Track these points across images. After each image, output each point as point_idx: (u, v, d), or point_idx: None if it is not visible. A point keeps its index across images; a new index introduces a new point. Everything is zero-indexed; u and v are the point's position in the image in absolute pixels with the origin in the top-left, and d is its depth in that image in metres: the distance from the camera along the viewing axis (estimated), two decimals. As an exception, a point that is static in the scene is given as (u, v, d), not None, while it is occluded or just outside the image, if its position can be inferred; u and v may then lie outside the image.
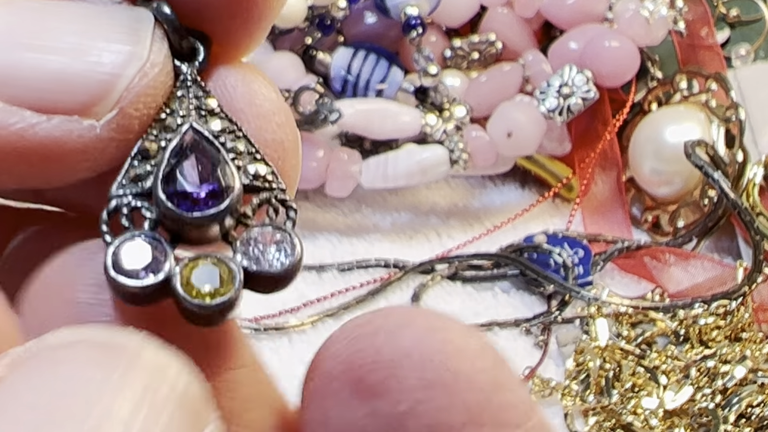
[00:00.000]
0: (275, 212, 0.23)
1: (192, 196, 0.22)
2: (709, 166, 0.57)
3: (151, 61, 0.22)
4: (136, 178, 0.22)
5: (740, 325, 0.54)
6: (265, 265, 0.22)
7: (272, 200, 0.23)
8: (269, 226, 0.22)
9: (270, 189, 0.23)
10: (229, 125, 0.23)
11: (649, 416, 0.50)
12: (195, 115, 0.23)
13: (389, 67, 0.61)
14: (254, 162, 0.23)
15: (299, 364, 0.54)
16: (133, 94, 0.22)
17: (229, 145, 0.22)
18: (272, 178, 0.23)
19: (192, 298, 0.21)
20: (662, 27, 0.62)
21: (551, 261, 0.58)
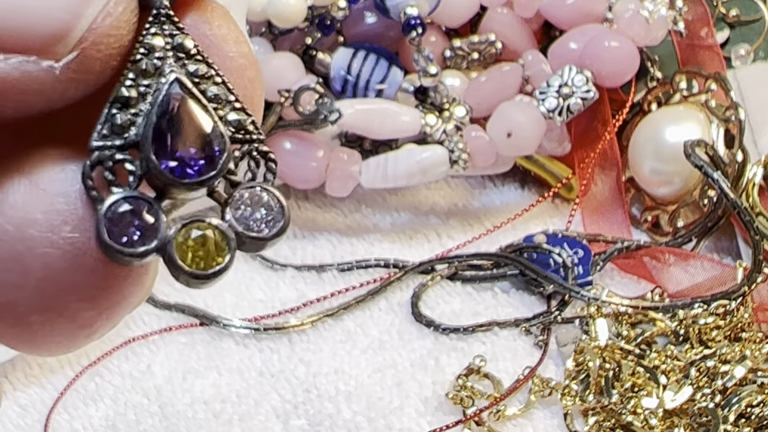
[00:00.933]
0: (257, 165, 0.22)
1: (185, 161, 0.21)
2: (709, 166, 0.57)
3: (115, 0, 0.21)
4: (118, 129, 0.21)
5: (740, 325, 0.54)
6: (256, 229, 0.21)
7: (254, 153, 0.22)
8: (256, 186, 0.22)
9: (251, 141, 0.22)
10: (208, 69, 0.22)
11: (649, 416, 0.50)
12: (172, 57, 0.22)
13: (389, 67, 0.61)
14: (234, 111, 0.22)
15: (299, 364, 0.54)
16: (95, 34, 0.21)
17: (209, 93, 0.22)
18: (252, 129, 0.22)
19: (188, 267, 0.21)
20: (662, 27, 0.62)
21: (551, 261, 0.58)
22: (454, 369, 0.53)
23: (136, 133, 0.21)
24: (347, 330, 0.56)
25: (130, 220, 0.21)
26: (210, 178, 0.21)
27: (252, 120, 0.22)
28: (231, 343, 0.56)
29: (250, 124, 0.22)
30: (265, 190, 0.22)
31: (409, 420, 0.51)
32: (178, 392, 0.53)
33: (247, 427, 0.51)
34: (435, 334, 0.56)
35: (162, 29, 0.22)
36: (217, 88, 0.22)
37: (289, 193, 0.65)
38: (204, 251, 0.21)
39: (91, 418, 0.52)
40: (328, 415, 0.51)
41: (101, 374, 0.54)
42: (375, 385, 0.53)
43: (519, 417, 0.52)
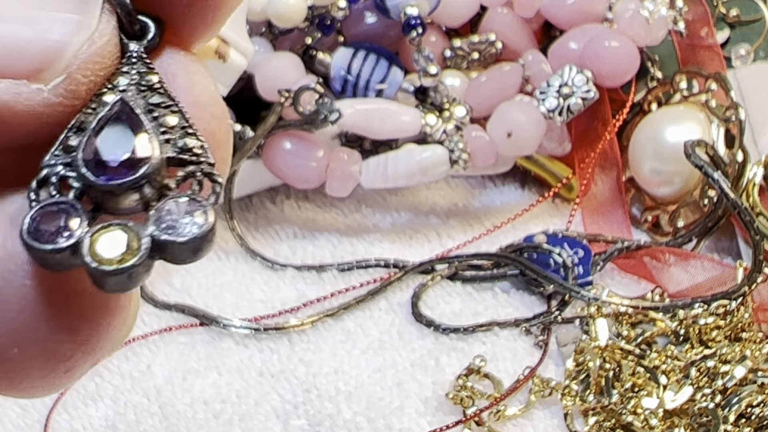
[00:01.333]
0: (200, 185, 0.23)
1: (108, 165, 0.22)
2: (709, 166, 0.57)
3: (99, 30, 0.23)
4: (68, 149, 0.23)
5: (740, 325, 0.54)
6: (174, 234, 0.22)
7: (197, 174, 0.23)
8: (185, 197, 0.22)
9: (197, 162, 0.23)
10: (166, 100, 0.23)
11: (649, 416, 0.50)
12: (134, 90, 0.23)
13: (389, 67, 0.61)
14: (185, 136, 0.23)
15: (299, 364, 0.54)
16: (80, 60, 0.23)
17: (161, 120, 0.23)
18: (201, 152, 0.23)
19: (93, 263, 0.21)
20: (662, 27, 0.62)
21: (551, 261, 0.58)
22: (454, 369, 0.53)
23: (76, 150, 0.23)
24: (347, 330, 0.56)
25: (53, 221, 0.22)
26: (129, 181, 0.22)
27: (202, 145, 0.23)
28: (231, 343, 0.56)
29: (199, 148, 0.23)
30: (193, 201, 0.22)
31: (409, 420, 0.51)
32: (178, 392, 0.53)
33: (247, 427, 0.51)
34: (435, 334, 0.56)
35: (131, 68, 0.23)
36: (172, 117, 0.23)
37: (290, 193, 0.65)
38: (115, 252, 0.22)
39: (91, 418, 0.52)
40: (328, 415, 0.51)
41: (101, 374, 0.54)
42: (375, 385, 0.53)
43: (519, 417, 0.52)
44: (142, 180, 0.22)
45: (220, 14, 0.24)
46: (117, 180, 0.22)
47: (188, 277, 0.59)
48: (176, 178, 0.23)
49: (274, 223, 0.63)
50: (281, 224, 0.63)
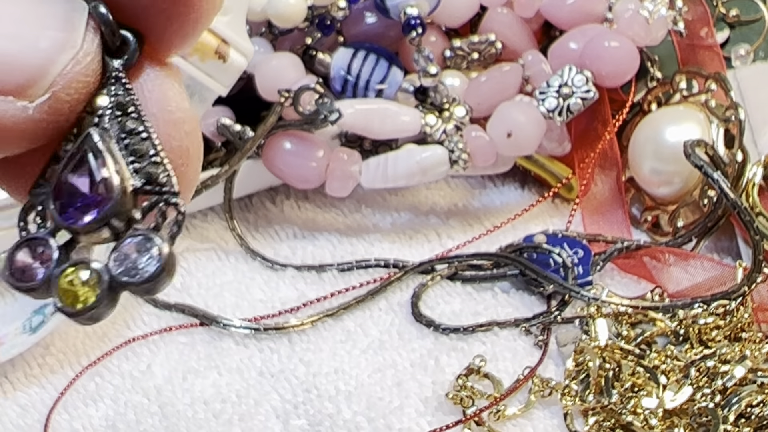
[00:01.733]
0: (163, 216, 0.24)
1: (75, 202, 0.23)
2: (709, 166, 0.57)
3: (84, 50, 0.23)
4: (50, 178, 0.24)
5: (740, 325, 0.54)
6: (131, 275, 0.23)
7: (161, 204, 0.24)
8: (141, 235, 0.23)
9: (161, 193, 0.24)
10: (139, 126, 0.24)
11: (649, 416, 0.50)
12: (110, 114, 0.24)
13: (389, 67, 0.61)
14: (152, 166, 0.24)
15: (299, 364, 0.54)
16: (65, 79, 0.23)
17: (132, 147, 0.24)
18: (165, 181, 0.24)
19: (59, 303, 0.23)
20: (662, 27, 0.62)
21: (551, 261, 0.58)
22: (454, 369, 0.53)
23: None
24: (347, 330, 0.56)
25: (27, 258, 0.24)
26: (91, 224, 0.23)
27: (168, 174, 0.24)
28: (231, 343, 0.56)
29: (164, 177, 0.24)
30: (150, 239, 0.23)
31: (409, 420, 0.51)
32: (178, 392, 0.53)
33: (247, 427, 0.51)
34: (435, 334, 0.56)
35: (109, 90, 0.24)
36: (142, 143, 0.24)
37: (290, 193, 0.65)
38: (79, 290, 0.23)
39: (91, 418, 0.52)
40: (328, 415, 0.51)
41: (101, 374, 0.54)
42: (375, 385, 0.53)
43: (519, 417, 0.52)
44: (106, 218, 0.23)
45: (198, 27, 0.25)
46: (81, 222, 0.23)
47: (188, 277, 0.59)
48: (142, 207, 0.24)
49: (274, 223, 0.63)
50: (281, 224, 0.63)
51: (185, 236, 0.62)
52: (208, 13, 0.24)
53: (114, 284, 0.23)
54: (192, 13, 0.24)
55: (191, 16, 0.24)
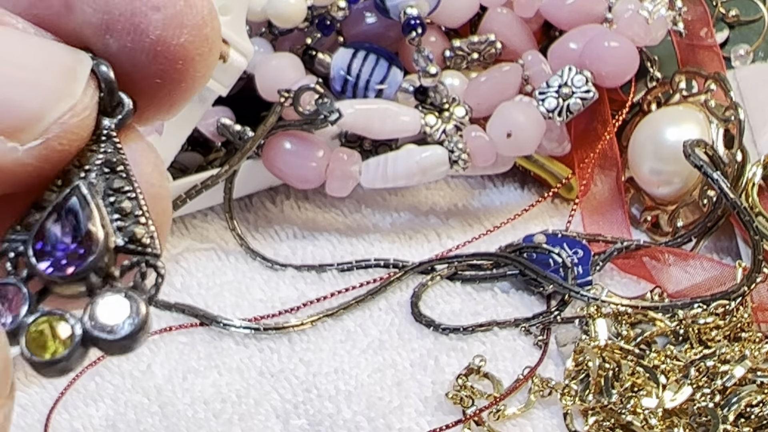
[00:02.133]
0: (142, 276, 0.24)
1: (55, 253, 0.23)
2: (709, 166, 0.57)
3: (83, 103, 0.23)
4: (29, 226, 0.23)
5: (739, 324, 0.54)
6: (105, 331, 0.23)
7: (142, 264, 0.24)
8: (119, 292, 0.23)
9: (143, 253, 0.24)
10: (126, 185, 0.24)
11: (649, 416, 0.50)
12: (98, 171, 0.24)
13: (389, 67, 0.61)
14: (136, 225, 0.24)
15: (299, 364, 0.54)
16: (60, 128, 0.23)
17: (117, 205, 0.24)
18: (148, 242, 0.24)
19: (27, 353, 0.23)
20: (661, 27, 0.62)
21: (551, 261, 0.58)
22: (453, 369, 0.53)
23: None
24: (347, 330, 0.56)
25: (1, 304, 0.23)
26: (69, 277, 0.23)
27: (151, 236, 0.24)
28: (231, 343, 0.56)
29: (148, 238, 0.24)
30: (128, 297, 0.23)
31: (409, 420, 0.51)
32: (178, 392, 0.53)
33: (247, 427, 0.51)
34: (435, 334, 0.56)
35: (99, 147, 0.24)
36: (128, 202, 0.24)
37: (290, 193, 0.65)
38: (49, 341, 0.23)
39: (92, 418, 0.52)
40: (328, 415, 0.51)
41: (101, 374, 0.54)
42: (375, 385, 0.53)
43: (519, 417, 0.52)
44: (85, 273, 0.23)
45: (187, 97, 0.25)
46: (60, 273, 0.23)
47: (188, 277, 0.59)
48: (122, 266, 0.24)
49: (274, 223, 0.63)
50: (281, 224, 0.63)
51: (185, 236, 0.62)
52: (198, 83, 0.25)
53: (86, 339, 0.23)
54: (183, 81, 0.25)
55: (182, 85, 0.25)
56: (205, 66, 0.25)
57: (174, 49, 0.24)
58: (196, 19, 0.24)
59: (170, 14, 0.24)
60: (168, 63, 0.24)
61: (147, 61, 0.24)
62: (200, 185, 0.59)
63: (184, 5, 0.24)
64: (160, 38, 0.24)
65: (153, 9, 0.24)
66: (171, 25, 0.24)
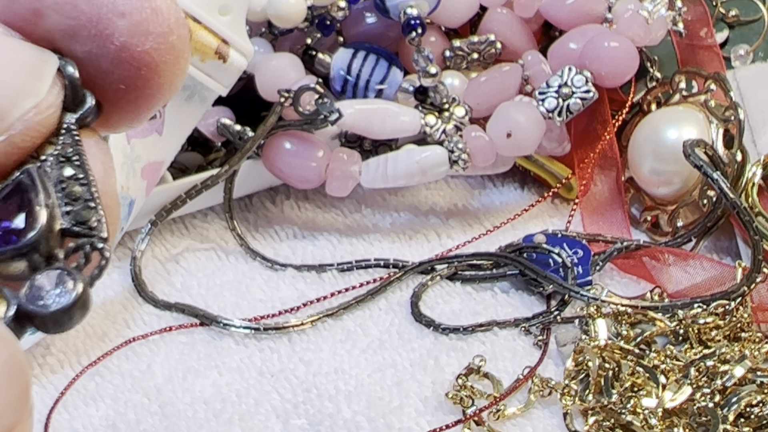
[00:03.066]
0: (86, 259, 0.23)
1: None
2: (708, 166, 0.57)
3: (48, 101, 0.23)
4: None
5: (739, 324, 0.54)
6: (40, 306, 0.22)
7: (86, 246, 0.23)
8: (59, 269, 0.23)
9: (90, 236, 0.24)
10: (79, 173, 0.24)
11: (649, 416, 0.50)
12: (53, 160, 0.24)
13: (389, 67, 0.61)
14: (86, 209, 0.24)
15: (299, 364, 0.54)
16: (23, 125, 0.23)
17: (69, 190, 0.24)
18: (96, 225, 0.24)
19: None
20: (661, 27, 0.62)
21: (550, 261, 0.58)
22: (453, 369, 0.53)
23: None
24: (347, 330, 0.56)
25: None
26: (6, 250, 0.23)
27: (99, 220, 0.24)
28: (231, 343, 0.56)
29: (96, 221, 0.24)
30: (68, 273, 0.23)
31: (408, 419, 0.51)
32: (178, 392, 0.53)
33: (247, 427, 0.51)
34: (435, 334, 0.56)
35: (58, 140, 0.24)
36: (79, 188, 0.24)
37: (290, 193, 0.65)
38: None
39: (92, 418, 0.52)
40: (328, 414, 0.51)
41: (101, 374, 0.54)
42: (375, 385, 0.53)
43: (519, 417, 0.52)
44: (24, 249, 0.23)
45: (153, 103, 0.25)
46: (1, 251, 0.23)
47: (188, 277, 0.59)
48: (66, 248, 0.23)
49: (274, 223, 0.63)
50: (281, 224, 0.63)
51: (185, 236, 0.62)
52: (165, 91, 0.25)
53: (21, 313, 0.22)
54: (148, 88, 0.24)
55: (147, 92, 0.25)
56: (171, 74, 0.25)
57: (138, 56, 0.24)
58: (162, 27, 0.24)
59: (135, 21, 0.24)
60: (132, 69, 0.24)
61: (111, 67, 0.24)
62: (200, 185, 0.59)
63: (150, 13, 0.24)
64: (124, 45, 0.24)
65: (118, 16, 0.24)
66: (136, 33, 0.24)
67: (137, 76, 0.24)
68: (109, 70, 0.24)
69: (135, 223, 0.59)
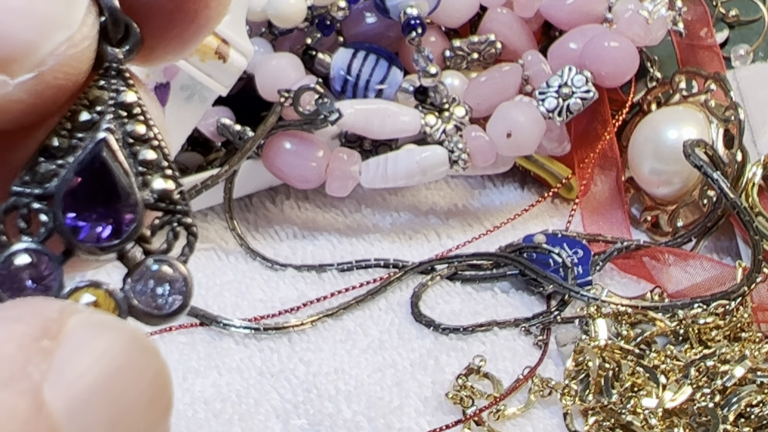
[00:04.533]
0: (175, 236, 0.22)
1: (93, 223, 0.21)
2: (708, 166, 0.57)
3: (82, 33, 0.21)
4: (41, 178, 0.21)
5: (739, 324, 0.54)
6: (152, 304, 0.21)
7: (174, 224, 0.22)
8: (164, 261, 0.21)
9: (173, 212, 0.22)
10: (146, 131, 0.22)
11: (649, 416, 0.50)
12: (112, 115, 0.22)
13: (389, 67, 0.61)
14: (163, 178, 0.22)
15: (299, 364, 0.54)
16: (56, 60, 0.21)
17: (142, 157, 0.22)
18: (178, 198, 0.22)
19: None
20: (661, 27, 0.62)
21: (551, 261, 0.58)
22: (453, 369, 0.53)
23: (55, 185, 0.21)
24: (347, 330, 0.56)
25: (27, 272, 0.21)
26: (111, 246, 0.21)
27: (180, 190, 0.22)
28: (231, 343, 0.56)
29: (177, 194, 0.22)
30: (171, 265, 0.21)
31: (408, 419, 0.51)
32: (178, 392, 0.53)
33: (247, 427, 0.51)
34: (435, 334, 0.56)
35: (109, 83, 0.22)
36: (152, 152, 0.22)
37: (290, 193, 0.65)
38: None
39: (92, 418, 0.52)
40: (328, 414, 0.51)
41: (101, 374, 0.54)
42: (375, 385, 0.53)
43: (519, 417, 0.52)
44: (127, 242, 0.21)
45: (198, 34, 0.23)
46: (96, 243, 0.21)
47: (188, 277, 0.59)
48: (152, 226, 0.22)
49: (274, 223, 0.63)
50: (281, 224, 0.63)
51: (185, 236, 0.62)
52: (214, 15, 0.23)
53: (133, 314, 0.21)
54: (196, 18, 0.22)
55: (194, 16, 0.22)
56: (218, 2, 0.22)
57: None
58: None
59: None
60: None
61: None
62: (200, 185, 0.59)
63: None
64: None
65: None
66: None
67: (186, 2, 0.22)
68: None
69: (135, 223, 0.59)
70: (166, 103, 0.56)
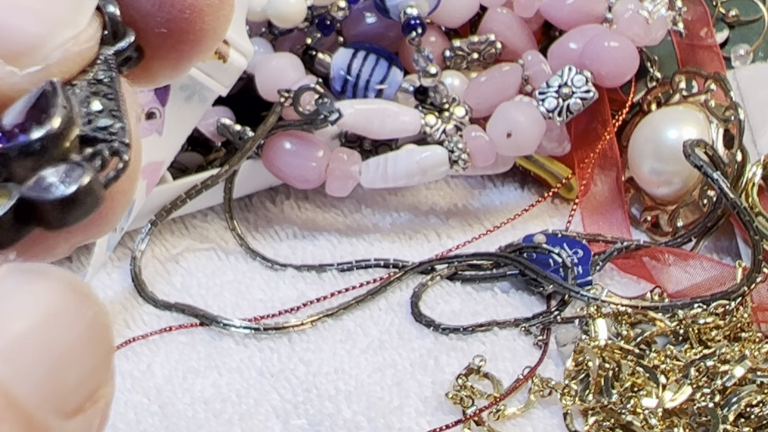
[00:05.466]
0: (103, 163, 0.22)
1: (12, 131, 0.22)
2: (708, 166, 0.57)
3: (87, 34, 0.23)
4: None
5: (739, 324, 0.54)
6: (43, 193, 0.21)
7: (104, 150, 0.22)
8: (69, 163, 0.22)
9: (109, 141, 0.22)
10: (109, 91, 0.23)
11: (649, 416, 0.50)
12: (84, 84, 0.23)
13: (389, 67, 0.61)
14: (110, 117, 0.23)
15: (299, 364, 0.54)
16: (62, 55, 0.22)
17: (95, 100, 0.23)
18: (118, 131, 0.23)
19: None
20: (661, 27, 0.62)
21: (551, 261, 0.58)
22: (453, 369, 0.53)
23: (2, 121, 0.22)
24: (347, 330, 0.56)
25: None
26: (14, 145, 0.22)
27: (123, 127, 0.23)
28: (231, 343, 0.56)
29: (119, 129, 0.23)
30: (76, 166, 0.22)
31: (408, 420, 0.51)
32: (178, 392, 0.53)
33: (247, 427, 0.51)
34: (435, 334, 0.56)
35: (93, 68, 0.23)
36: (107, 101, 0.23)
37: (290, 193, 0.65)
38: None
39: (92, 418, 0.52)
40: (328, 414, 0.51)
41: (101, 374, 0.54)
42: (375, 385, 0.53)
43: (519, 417, 0.52)
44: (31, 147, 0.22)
45: (193, 55, 0.24)
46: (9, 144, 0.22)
47: (188, 277, 0.59)
48: (84, 154, 0.22)
49: (274, 223, 0.63)
50: (281, 224, 0.63)
51: (185, 236, 0.62)
52: (208, 39, 0.24)
53: (22, 203, 0.21)
54: (190, 33, 0.24)
55: (189, 37, 0.24)
56: (214, 19, 0.24)
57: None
58: None
59: None
60: (175, 12, 0.23)
61: (153, 9, 0.24)
62: (200, 185, 0.59)
63: None
64: None
65: None
66: None
67: (180, 19, 0.24)
68: (151, 13, 0.24)
69: (135, 223, 0.59)
70: (166, 103, 0.56)
